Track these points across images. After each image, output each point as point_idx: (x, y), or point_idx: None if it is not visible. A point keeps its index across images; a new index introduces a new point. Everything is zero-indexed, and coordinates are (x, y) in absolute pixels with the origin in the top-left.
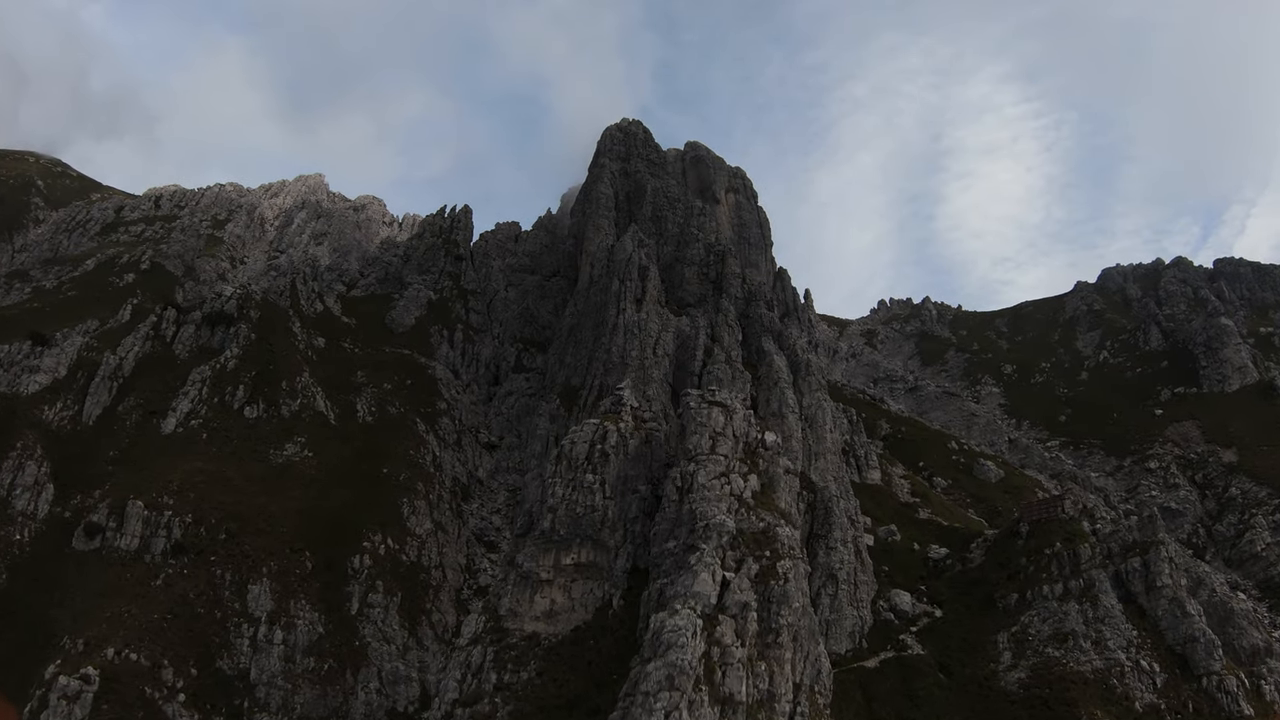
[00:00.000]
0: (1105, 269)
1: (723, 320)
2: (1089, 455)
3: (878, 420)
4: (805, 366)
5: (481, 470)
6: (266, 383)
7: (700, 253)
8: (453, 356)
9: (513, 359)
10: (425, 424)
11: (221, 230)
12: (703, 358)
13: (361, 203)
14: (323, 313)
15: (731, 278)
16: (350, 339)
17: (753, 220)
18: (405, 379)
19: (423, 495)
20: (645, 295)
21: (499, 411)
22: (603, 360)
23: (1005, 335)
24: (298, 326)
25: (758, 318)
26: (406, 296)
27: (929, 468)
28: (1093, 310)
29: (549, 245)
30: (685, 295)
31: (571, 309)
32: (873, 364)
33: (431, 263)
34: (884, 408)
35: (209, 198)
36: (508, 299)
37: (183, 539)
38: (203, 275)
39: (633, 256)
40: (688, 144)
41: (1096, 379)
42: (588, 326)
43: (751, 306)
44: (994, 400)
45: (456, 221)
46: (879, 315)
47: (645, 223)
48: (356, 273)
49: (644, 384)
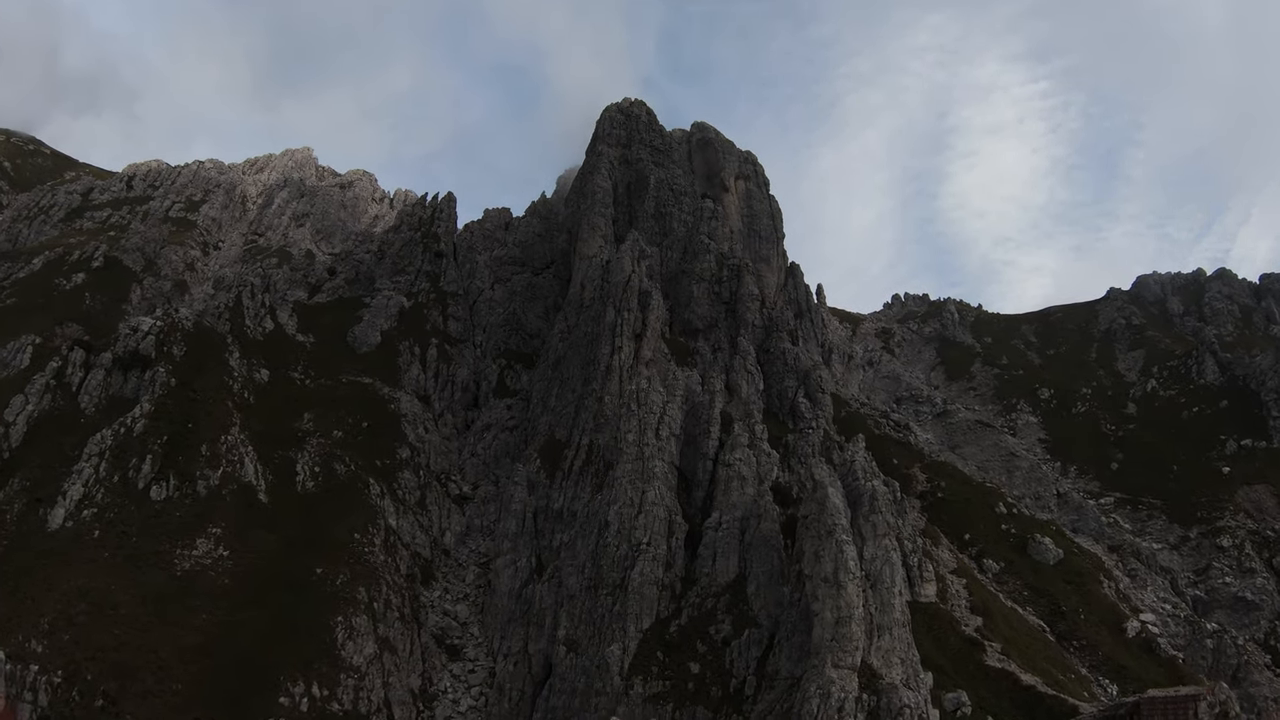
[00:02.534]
0: (1141, 276)
1: (740, 365)
2: (1149, 519)
3: (911, 467)
4: (870, 500)
5: (449, 534)
6: (182, 448)
7: (711, 266)
8: (424, 380)
9: (494, 377)
10: (381, 484)
11: (196, 212)
12: (719, 435)
13: (350, 179)
14: (272, 333)
15: (748, 300)
16: (303, 366)
17: (764, 211)
18: (362, 420)
19: (365, 606)
20: (646, 329)
21: (474, 451)
22: (592, 411)
23: (1035, 347)
24: (236, 357)
25: (779, 354)
26: (374, 306)
27: (976, 542)
28: (1131, 325)
29: (542, 234)
30: (693, 318)
31: (561, 326)
32: (893, 376)
33: (408, 261)
34: (915, 446)
35: (185, 176)
36: (493, 300)
37: (49, 709)
38: (166, 269)
39: (631, 278)
40: (694, 125)
41: (1147, 415)
42: (576, 362)
43: (773, 339)
44: (1032, 433)
45: (438, 212)
46: (893, 312)
47: (647, 220)
48: (323, 272)
49: (643, 482)
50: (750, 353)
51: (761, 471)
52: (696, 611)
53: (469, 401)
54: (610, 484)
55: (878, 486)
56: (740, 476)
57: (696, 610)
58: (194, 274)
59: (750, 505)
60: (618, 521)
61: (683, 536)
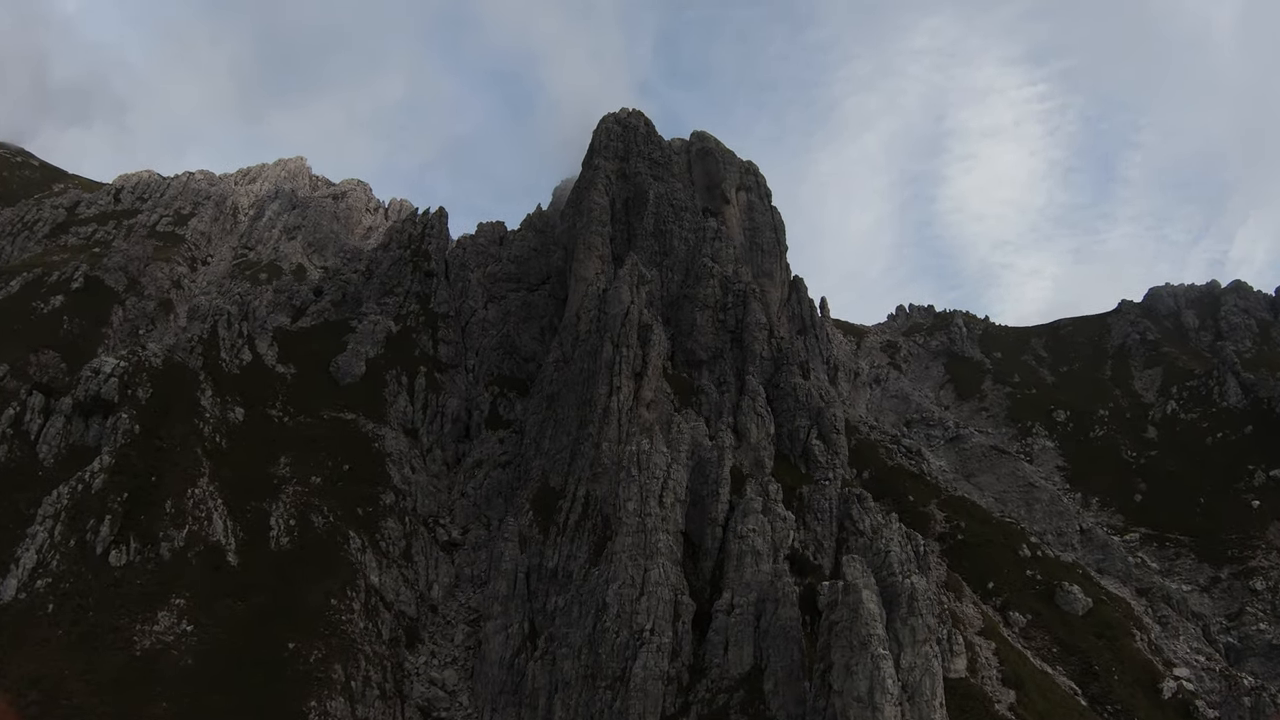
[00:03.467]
0: (1153, 288)
1: (749, 407)
2: (1177, 558)
3: (928, 504)
4: (908, 601)
5: (437, 587)
6: (145, 505)
7: (715, 291)
8: (411, 412)
9: (487, 407)
10: (363, 536)
11: (185, 226)
12: (729, 498)
13: (343, 189)
14: (250, 365)
15: (755, 329)
16: (281, 402)
17: (766, 224)
18: (343, 462)
19: (341, 686)
20: (647, 366)
21: (464, 491)
22: (589, 459)
23: (1046, 363)
24: (209, 395)
25: (790, 390)
26: (360, 332)
27: (1001, 591)
28: (1145, 340)
29: (538, 249)
30: (696, 348)
31: (556, 354)
32: (901, 395)
33: (396, 281)
34: (930, 478)
35: (175, 188)
36: (486, 321)
37: None
38: (150, 288)
39: (630, 310)
40: (694, 134)
41: (1169, 439)
42: (571, 401)
43: (783, 373)
44: (1049, 459)
45: (428, 228)
46: (898, 324)
47: (646, 238)
48: (309, 293)
49: (645, 558)
50: (760, 393)
51: (777, 539)
52: (706, 709)
53: (459, 434)
54: (609, 558)
55: (917, 585)
56: (754, 551)
57: (706, 708)
58: (180, 291)
59: (766, 586)
60: (617, 604)
61: (690, 618)
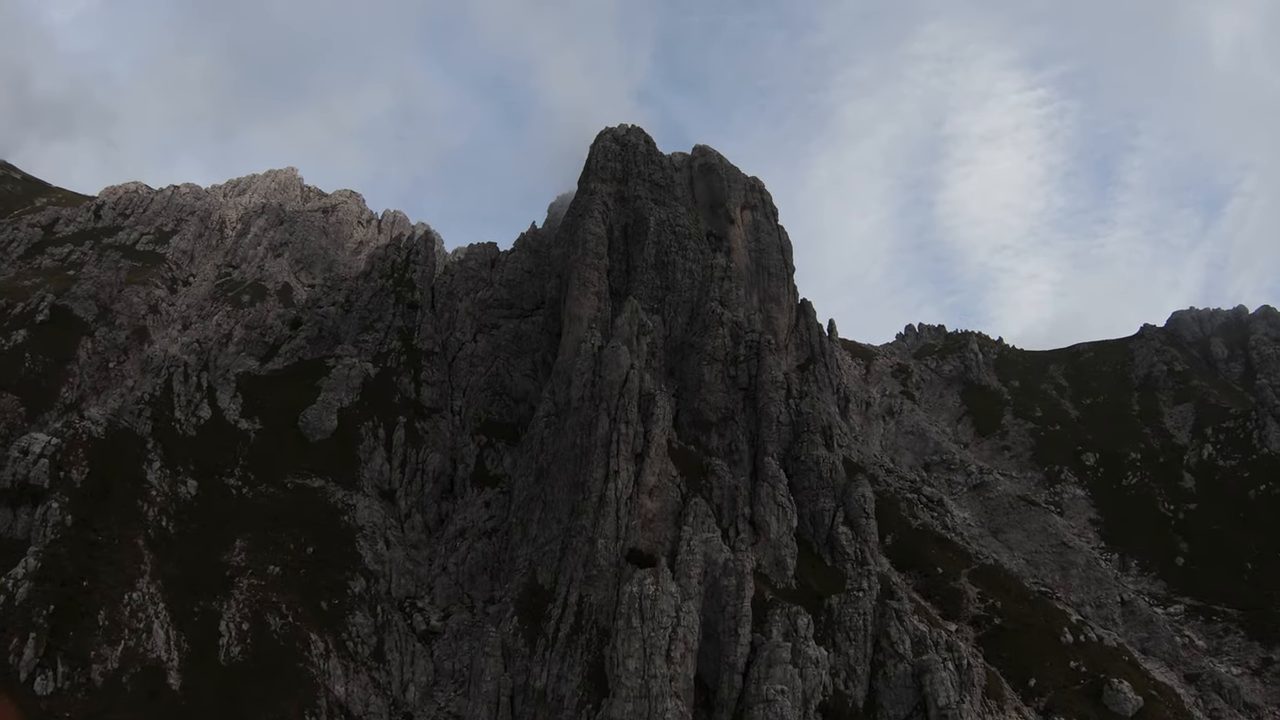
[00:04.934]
0: (1176, 313)
1: (768, 496)
2: (1225, 635)
3: (959, 575)
4: None
5: (413, 689)
6: (76, 618)
7: (725, 342)
8: (388, 471)
9: (473, 459)
10: (326, 638)
11: (166, 244)
12: (749, 638)
13: (334, 201)
14: (209, 423)
15: (770, 388)
16: (241, 468)
17: (773, 244)
18: (307, 543)
19: None
20: (650, 446)
21: (445, 567)
22: (582, 557)
23: (1068, 394)
24: (157, 468)
25: (812, 464)
26: (334, 376)
27: (1044, 689)
28: (1173, 371)
29: (532, 270)
30: (704, 407)
31: (548, 404)
32: (918, 431)
33: (377, 315)
34: (958, 541)
35: (159, 203)
36: (475, 355)
37: None
38: (122, 316)
39: (629, 376)
40: (696, 148)
41: (1208, 490)
42: (562, 480)
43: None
44: (1081, 511)
45: (413, 254)
46: (908, 344)
47: (647, 270)
48: (285, 327)
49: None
50: (780, 478)
51: (808, 690)
52: None
53: (442, 491)
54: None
55: None
56: (780, 717)
57: None
58: (157, 317)
59: None
60: None
61: None
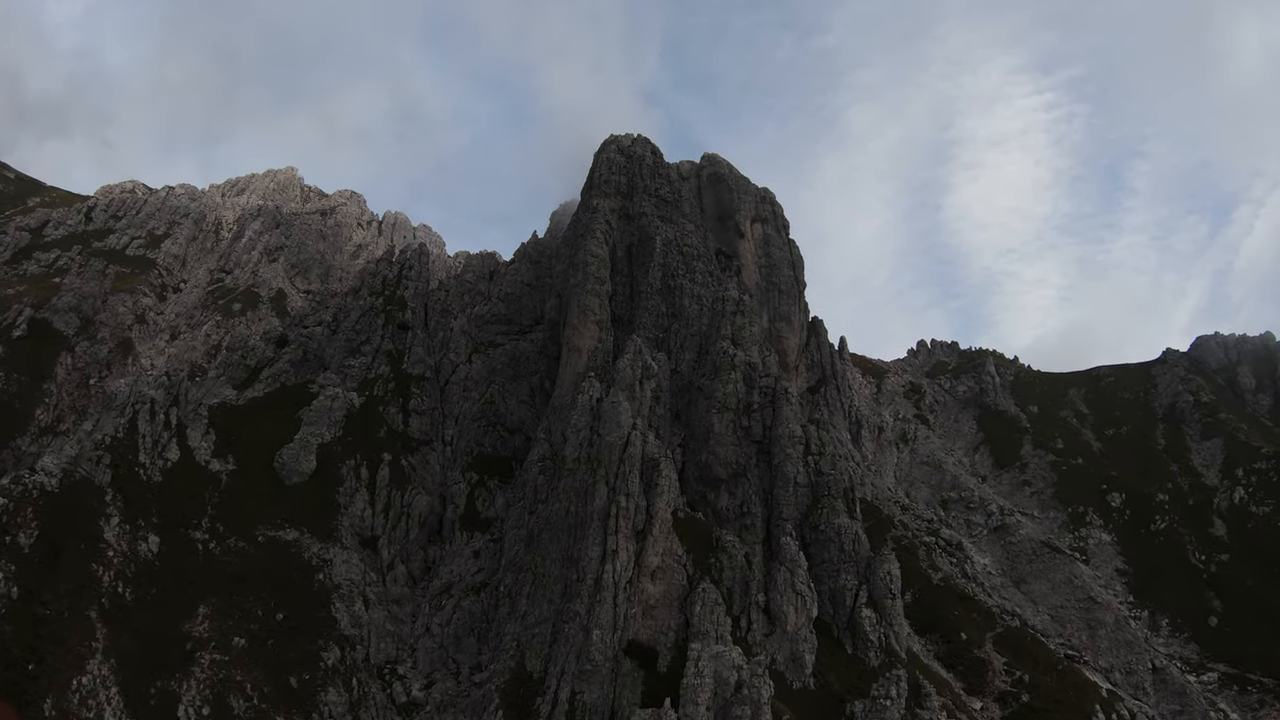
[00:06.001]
0: (1200, 338)
1: (785, 581)
2: (1260, 707)
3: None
4: None
5: None
6: (20, 707)
7: (737, 389)
8: (370, 516)
9: (463, 501)
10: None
11: (157, 249)
12: None
13: (334, 203)
14: (177, 465)
15: (787, 443)
16: (210, 518)
17: (784, 260)
18: (277, 608)
19: None
20: (653, 521)
21: (428, 627)
22: (575, 646)
23: (1089, 421)
24: (116, 523)
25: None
26: (316, 409)
27: None
28: (1199, 402)
29: (532, 283)
30: (713, 461)
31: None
32: (933, 462)
33: (365, 337)
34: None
35: (152, 205)
36: (469, 379)
37: None
38: (105, 329)
39: (631, 439)
40: (705, 157)
41: (1240, 539)
42: (554, 551)
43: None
44: (1107, 560)
45: (405, 269)
46: (920, 361)
47: (652, 296)
48: (265, 350)
49: None
50: (799, 561)
51: None
52: None
53: (429, 536)
54: None
55: None
56: None
57: None
58: (144, 327)
59: None
60: None
61: None
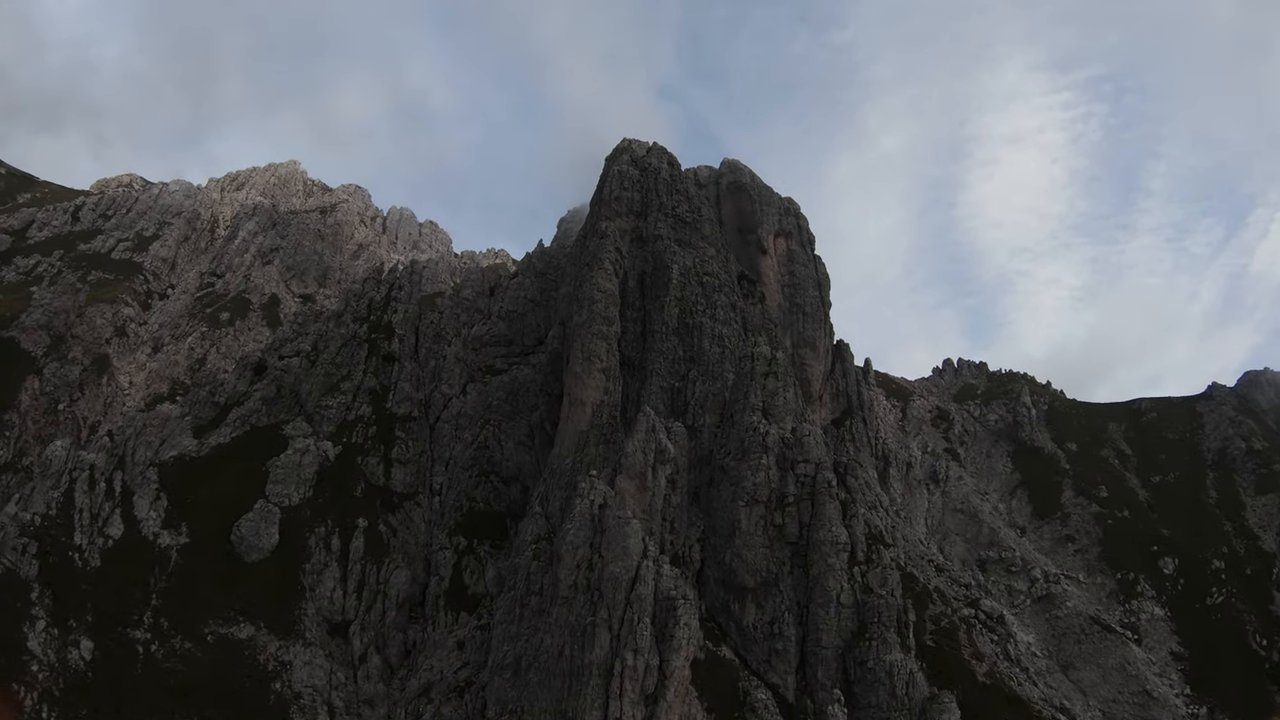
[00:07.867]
0: (1249, 373)
1: None
2: None
3: None
4: None
5: None
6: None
7: (770, 476)
8: (340, 599)
9: (448, 571)
10: None
11: (145, 251)
12: None
13: (337, 199)
14: (119, 543)
15: (830, 551)
16: (154, 612)
17: (809, 279)
18: None
19: None
20: (668, 684)
21: None
22: None
23: (1132, 464)
24: (42, 627)
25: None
26: (284, 465)
27: None
28: (1251, 449)
29: (536, 299)
30: (739, 566)
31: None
32: (968, 510)
33: (346, 372)
34: (1028, 698)
35: (144, 202)
36: (462, 415)
37: None
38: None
39: (641, 570)
40: (724, 163)
41: None
42: (545, 698)
43: (869, 639)
44: (1161, 639)
45: (394, 290)
46: (946, 382)
47: (668, 337)
48: (237, 385)
49: None
50: None
51: None
52: None
53: (408, 617)
54: None
55: None
56: None
57: None
58: (123, 341)
59: None
60: None
61: None
